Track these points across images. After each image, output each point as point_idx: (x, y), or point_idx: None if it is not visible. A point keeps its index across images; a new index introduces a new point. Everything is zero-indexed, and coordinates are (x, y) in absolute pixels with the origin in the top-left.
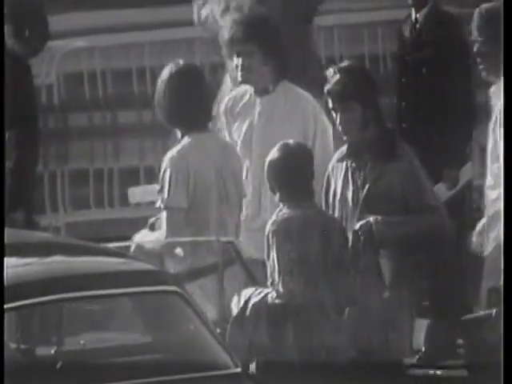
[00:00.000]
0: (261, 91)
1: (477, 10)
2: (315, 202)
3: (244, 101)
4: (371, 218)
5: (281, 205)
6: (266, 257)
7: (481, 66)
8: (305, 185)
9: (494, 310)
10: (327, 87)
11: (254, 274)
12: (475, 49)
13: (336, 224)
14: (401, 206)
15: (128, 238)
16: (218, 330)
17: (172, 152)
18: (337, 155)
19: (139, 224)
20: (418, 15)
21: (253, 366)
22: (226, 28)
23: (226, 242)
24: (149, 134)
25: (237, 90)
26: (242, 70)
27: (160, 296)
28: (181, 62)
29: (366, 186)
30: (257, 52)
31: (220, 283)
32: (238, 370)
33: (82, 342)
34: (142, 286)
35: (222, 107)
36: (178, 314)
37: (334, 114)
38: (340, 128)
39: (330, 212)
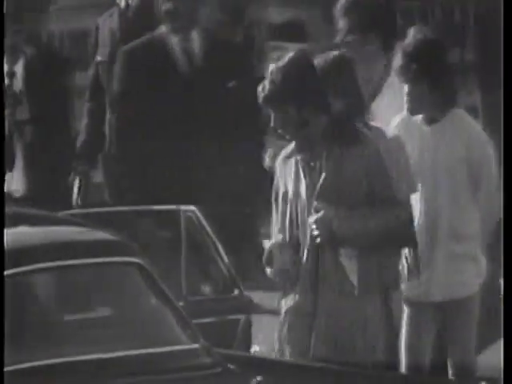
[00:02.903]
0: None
1: None
2: None
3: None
4: (329, 212)
5: None
6: None
7: None
8: None
9: None
10: (260, 87)
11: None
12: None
13: None
14: (364, 198)
15: None
16: (181, 304)
17: None
18: (282, 155)
19: None
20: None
21: None
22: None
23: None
24: None
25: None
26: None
27: (121, 267)
28: None
29: (322, 176)
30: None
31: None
32: (197, 345)
33: None
34: (102, 256)
35: None
36: (139, 287)
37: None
38: (278, 129)
39: (285, 215)
